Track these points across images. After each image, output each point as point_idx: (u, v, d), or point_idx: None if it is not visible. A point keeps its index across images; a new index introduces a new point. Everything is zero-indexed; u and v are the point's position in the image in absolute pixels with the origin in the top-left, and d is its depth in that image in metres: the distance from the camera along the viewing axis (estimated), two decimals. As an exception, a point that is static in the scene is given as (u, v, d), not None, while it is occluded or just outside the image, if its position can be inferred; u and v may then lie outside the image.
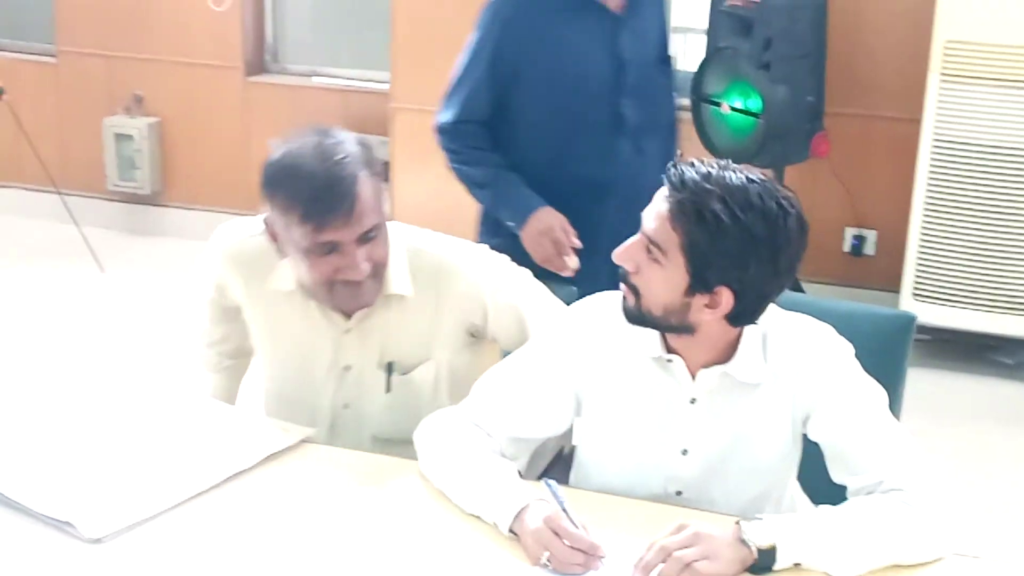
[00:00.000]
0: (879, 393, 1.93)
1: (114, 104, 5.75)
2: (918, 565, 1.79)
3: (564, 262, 2.70)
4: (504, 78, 2.79)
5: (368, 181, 2.05)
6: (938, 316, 4.44)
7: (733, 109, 4.51)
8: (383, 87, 5.40)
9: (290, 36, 5.78)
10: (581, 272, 2.68)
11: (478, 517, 1.87)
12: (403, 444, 2.09)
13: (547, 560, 1.74)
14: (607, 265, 1.97)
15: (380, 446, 2.21)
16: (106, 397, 2.26)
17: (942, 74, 4.28)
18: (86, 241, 5.37)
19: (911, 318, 2.33)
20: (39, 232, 5.69)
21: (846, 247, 5.04)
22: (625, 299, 1.91)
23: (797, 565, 1.75)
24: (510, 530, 1.81)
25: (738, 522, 1.75)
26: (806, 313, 1.99)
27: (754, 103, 4.44)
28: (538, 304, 2.29)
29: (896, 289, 4.55)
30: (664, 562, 1.70)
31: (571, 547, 1.74)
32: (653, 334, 1.93)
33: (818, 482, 1.99)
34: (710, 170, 1.82)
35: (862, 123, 4.90)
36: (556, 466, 2.26)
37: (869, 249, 5.01)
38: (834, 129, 4.77)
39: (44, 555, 1.77)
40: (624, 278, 1.90)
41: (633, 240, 1.88)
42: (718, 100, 4.55)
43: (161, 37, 5.63)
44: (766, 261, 1.82)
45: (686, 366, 1.93)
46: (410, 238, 2.23)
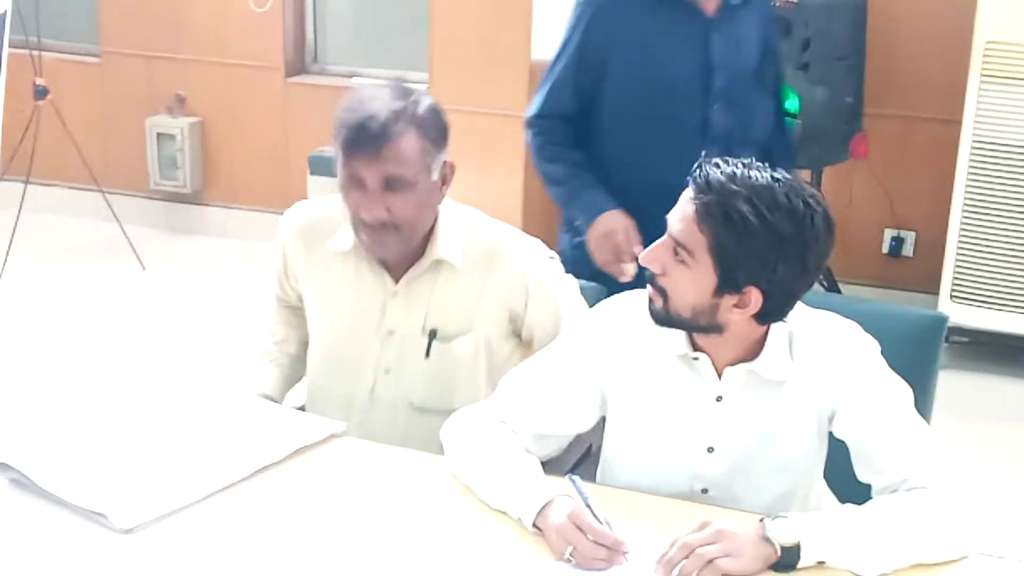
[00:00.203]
0: (904, 391, 1.93)
1: (156, 104, 5.80)
2: (942, 564, 1.78)
3: (621, 268, 2.64)
4: (590, 73, 2.76)
5: (414, 138, 2.14)
6: (976, 318, 4.41)
7: (771, 110, 4.49)
8: (422, 87, 5.40)
9: (330, 37, 5.81)
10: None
11: (504, 513, 1.89)
12: (437, 415, 2.14)
13: (571, 555, 1.75)
14: None
15: (416, 416, 2.28)
16: (140, 391, 2.29)
17: (982, 75, 4.25)
18: (128, 239, 5.44)
19: (943, 319, 2.32)
20: (82, 230, 5.76)
21: (884, 248, 5.02)
22: (652, 301, 1.91)
23: (821, 563, 1.75)
24: (534, 525, 1.82)
25: (762, 520, 1.76)
26: (838, 312, 1.99)
27: (792, 104, 4.41)
28: (576, 308, 2.31)
29: (934, 291, 4.52)
30: (687, 558, 1.70)
31: (595, 542, 1.75)
32: (679, 332, 1.94)
33: (846, 481, 1.99)
34: (735, 170, 1.82)
35: (901, 124, 4.88)
36: (584, 463, 2.27)
37: (907, 250, 4.99)
38: (873, 130, 4.75)
39: (78, 544, 1.81)
40: (651, 280, 1.90)
41: (660, 242, 1.88)
42: (756, 101, 4.54)
43: (203, 38, 5.68)
44: (794, 260, 1.82)
45: (712, 364, 1.93)
46: (468, 217, 2.31)
